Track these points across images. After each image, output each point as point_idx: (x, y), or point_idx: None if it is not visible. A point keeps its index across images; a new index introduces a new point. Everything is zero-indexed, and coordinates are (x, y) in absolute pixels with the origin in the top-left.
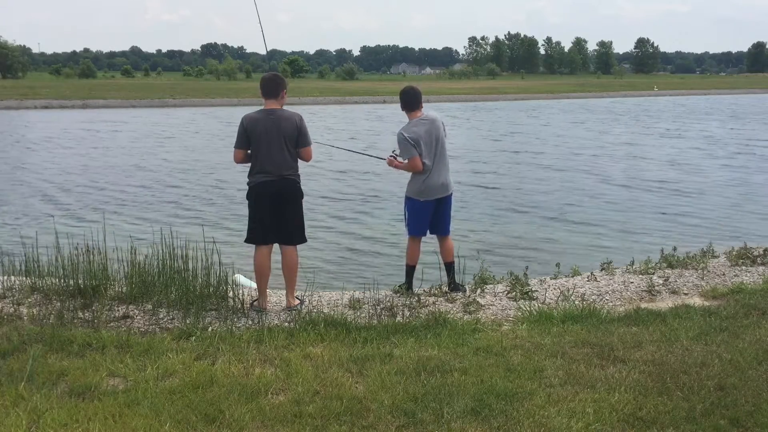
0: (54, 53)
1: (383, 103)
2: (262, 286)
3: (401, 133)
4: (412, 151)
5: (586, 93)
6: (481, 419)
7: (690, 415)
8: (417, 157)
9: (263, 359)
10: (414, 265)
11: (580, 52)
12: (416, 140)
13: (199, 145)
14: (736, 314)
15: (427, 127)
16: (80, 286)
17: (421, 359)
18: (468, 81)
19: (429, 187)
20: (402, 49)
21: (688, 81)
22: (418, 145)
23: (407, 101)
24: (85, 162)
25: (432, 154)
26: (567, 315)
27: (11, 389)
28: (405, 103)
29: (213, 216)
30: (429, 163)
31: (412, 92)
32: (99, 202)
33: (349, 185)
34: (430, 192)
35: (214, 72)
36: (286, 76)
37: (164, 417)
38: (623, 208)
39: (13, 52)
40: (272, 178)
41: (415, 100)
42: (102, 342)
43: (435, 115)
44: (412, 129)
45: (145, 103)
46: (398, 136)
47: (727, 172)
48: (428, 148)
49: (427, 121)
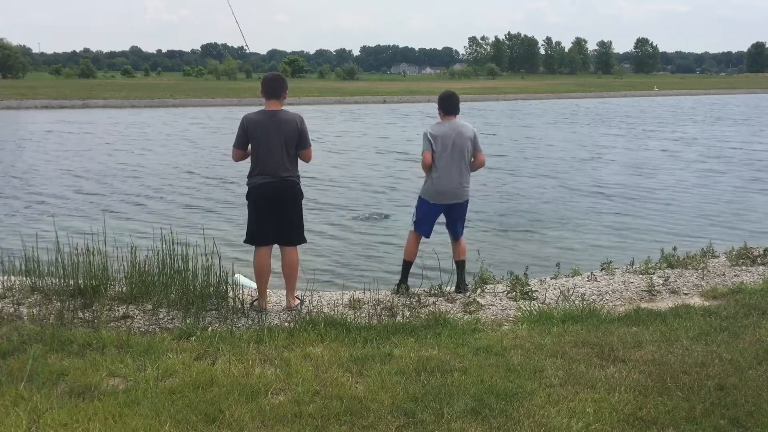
0: (54, 53)
1: (383, 103)
2: (261, 287)
3: (426, 129)
4: (425, 145)
5: (586, 93)
6: (481, 419)
7: (690, 415)
8: (427, 152)
9: (263, 359)
10: (410, 261)
11: (580, 52)
12: (434, 138)
13: (197, 146)
14: (736, 314)
15: (449, 131)
16: (80, 286)
17: (421, 359)
18: (468, 81)
19: (438, 190)
20: (402, 49)
21: (688, 81)
22: (434, 142)
23: (443, 105)
24: (81, 162)
25: (446, 158)
26: (567, 315)
27: (11, 389)
28: (441, 106)
29: (213, 216)
30: (440, 166)
31: (447, 98)
32: (100, 202)
33: (350, 185)
34: (439, 195)
35: (214, 72)
36: (287, 75)
37: (164, 417)
38: (623, 208)
39: (14, 52)
40: (272, 179)
41: (449, 105)
42: (102, 342)
43: (465, 127)
44: (435, 127)
45: (145, 103)
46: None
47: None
48: (443, 150)
49: (453, 127)
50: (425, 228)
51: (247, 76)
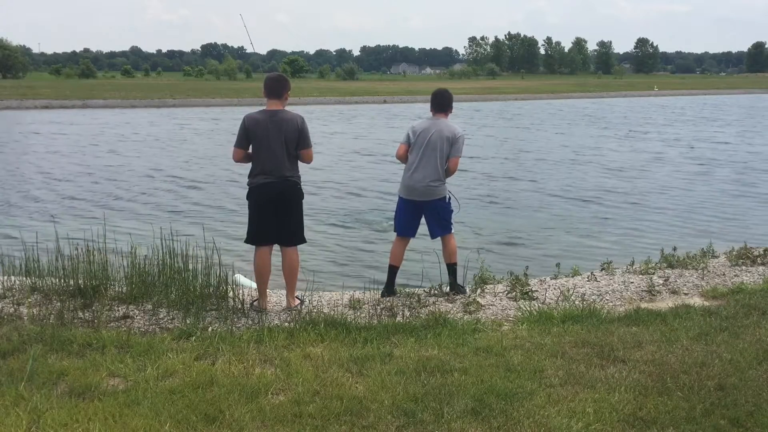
0: (54, 53)
1: (383, 103)
2: (262, 287)
3: (411, 124)
4: (404, 138)
5: (587, 93)
6: (481, 419)
7: (690, 415)
8: (402, 145)
9: (263, 359)
10: (396, 266)
11: (580, 52)
12: (414, 132)
13: (193, 147)
14: (737, 314)
15: (430, 127)
16: (80, 286)
17: (421, 359)
18: (468, 81)
19: (409, 185)
20: (402, 49)
21: (688, 81)
22: (413, 136)
23: (431, 102)
24: (80, 163)
25: (419, 152)
26: (567, 315)
27: (11, 389)
28: (431, 104)
29: (213, 216)
30: (411, 161)
31: (436, 95)
32: (98, 202)
33: (350, 185)
34: (410, 191)
35: (214, 72)
36: (287, 75)
37: (164, 417)
38: (623, 209)
39: (14, 52)
40: (273, 179)
41: (436, 103)
42: (102, 342)
43: (449, 128)
44: (419, 122)
45: (144, 103)
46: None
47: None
48: (418, 145)
49: (435, 124)
50: (402, 228)
51: (247, 76)
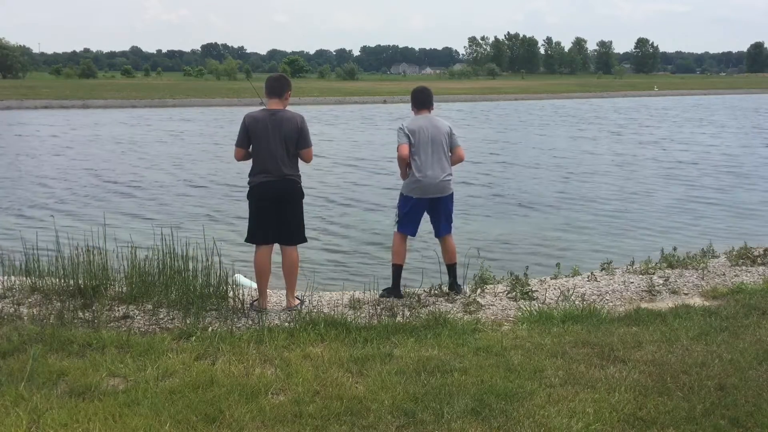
0: (54, 53)
1: (384, 103)
2: (262, 287)
3: (401, 124)
4: (401, 138)
5: (587, 93)
6: (481, 419)
7: (690, 415)
8: (404, 145)
9: (263, 359)
10: (400, 264)
11: (580, 52)
12: (411, 131)
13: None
14: (737, 314)
15: (425, 124)
16: (80, 286)
17: (421, 359)
18: (468, 81)
19: (422, 185)
20: (402, 49)
21: (688, 81)
22: (412, 136)
23: (414, 100)
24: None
25: (426, 151)
26: (567, 315)
27: (11, 389)
28: (413, 102)
29: (213, 215)
30: (420, 160)
31: (419, 92)
32: (98, 202)
33: (350, 185)
34: (423, 190)
35: (214, 72)
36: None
37: (164, 417)
38: (623, 208)
39: (13, 52)
40: (273, 178)
41: (420, 100)
42: (102, 342)
43: (441, 122)
44: (411, 121)
45: (144, 103)
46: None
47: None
48: (423, 144)
49: (429, 120)
50: (410, 227)
51: (247, 76)
